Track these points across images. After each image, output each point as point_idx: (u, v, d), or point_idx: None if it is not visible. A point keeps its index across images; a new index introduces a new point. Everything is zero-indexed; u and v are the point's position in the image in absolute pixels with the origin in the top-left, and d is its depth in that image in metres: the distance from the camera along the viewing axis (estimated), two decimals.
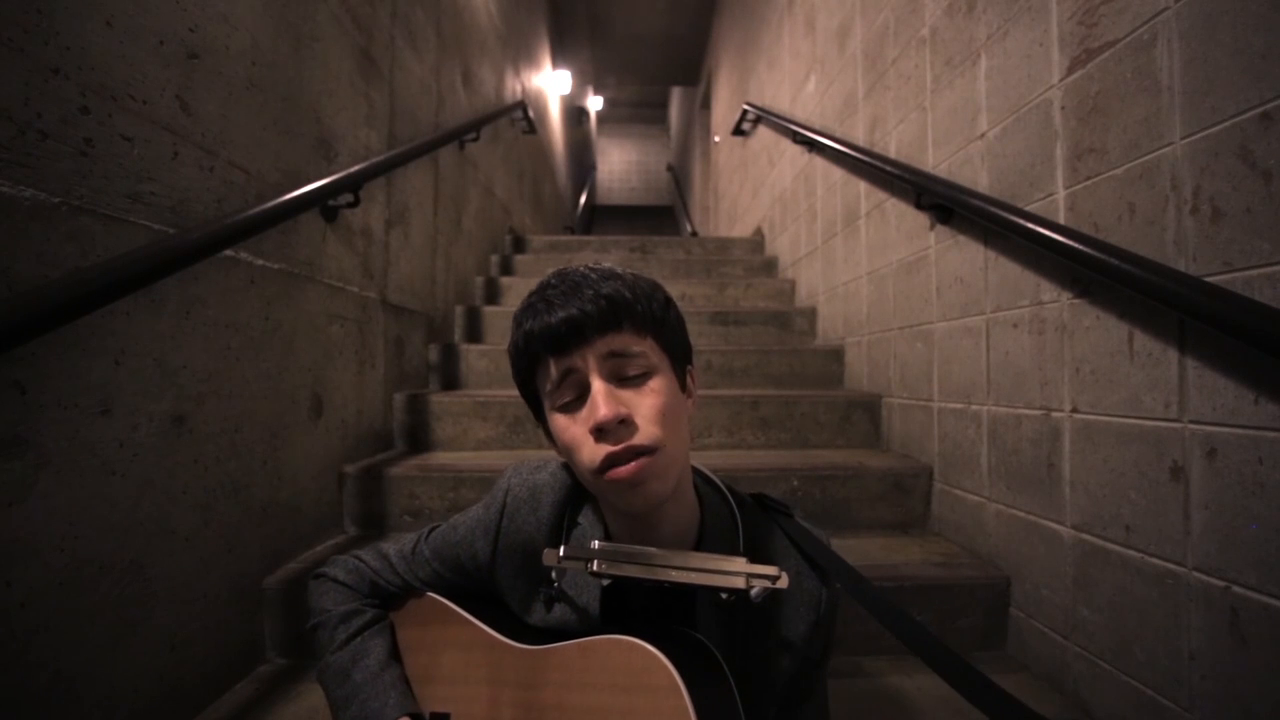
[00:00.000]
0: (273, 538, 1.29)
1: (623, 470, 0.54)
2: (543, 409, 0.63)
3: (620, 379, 0.57)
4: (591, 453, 0.55)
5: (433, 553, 0.73)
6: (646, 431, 0.55)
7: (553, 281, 0.60)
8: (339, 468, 1.58)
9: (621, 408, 0.55)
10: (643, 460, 0.54)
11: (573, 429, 0.57)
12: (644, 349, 0.59)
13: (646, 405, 0.56)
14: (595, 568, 0.56)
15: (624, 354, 0.57)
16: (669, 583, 0.57)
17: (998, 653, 1.27)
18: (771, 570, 0.57)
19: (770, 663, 0.63)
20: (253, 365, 1.23)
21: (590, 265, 0.61)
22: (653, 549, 0.58)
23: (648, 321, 0.59)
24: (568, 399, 0.58)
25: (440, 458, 1.78)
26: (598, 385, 0.56)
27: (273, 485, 1.30)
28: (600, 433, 0.55)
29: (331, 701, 0.68)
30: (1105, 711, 1.02)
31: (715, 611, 0.62)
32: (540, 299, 0.59)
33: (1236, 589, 0.81)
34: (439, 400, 1.94)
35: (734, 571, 0.57)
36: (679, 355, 0.64)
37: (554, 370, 0.57)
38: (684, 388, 0.63)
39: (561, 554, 0.58)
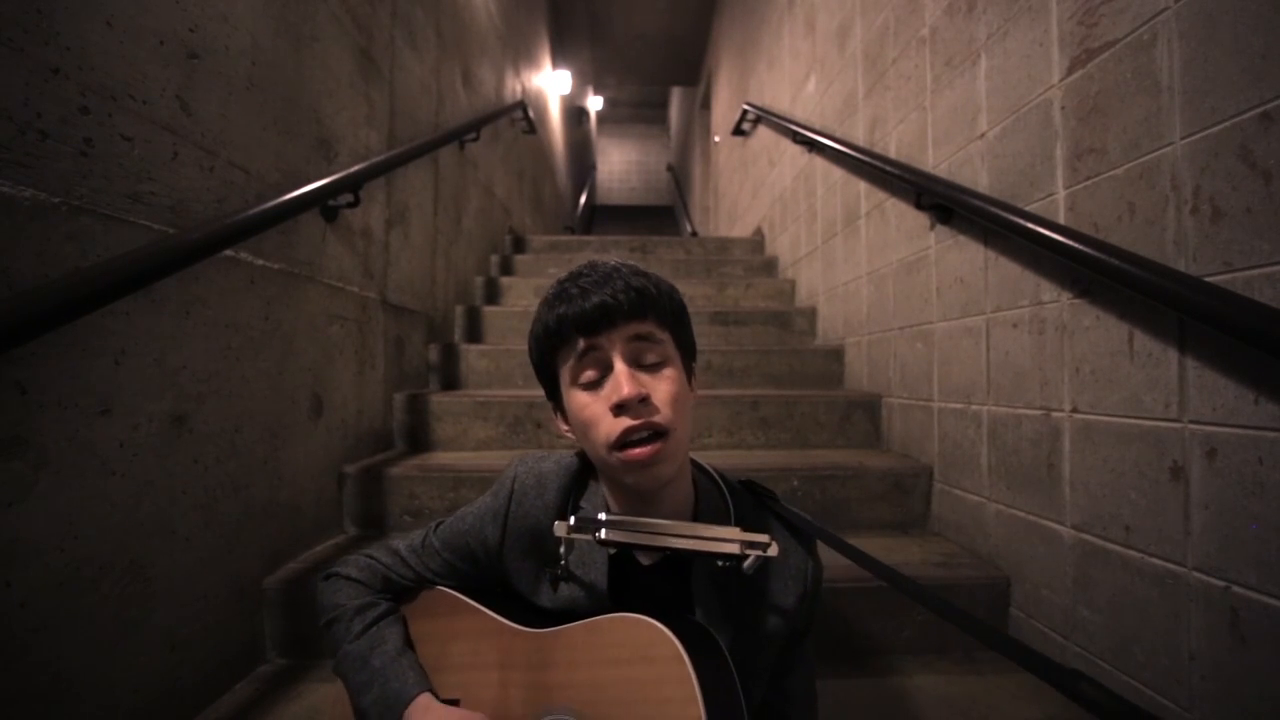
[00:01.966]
0: (273, 538, 1.29)
1: (640, 451, 0.59)
2: (558, 390, 0.67)
3: (639, 364, 0.63)
4: (610, 427, 0.60)
5: (442, 543, 0.76)
6: (663, 412, 0.61)
7: (585, 271, 0.65)
8: (339, 468, 1.58)
9: (642, 388, 0.60)
10: (658, 443, 0.60)
11: (593, 406, 0.62)
12: (664, 339, 0.64)
13: (663, 389, 0.62)
14: (603, 535, 0.60)
15: (647, 338, 0.63)
16: (670, 549, 0.61)
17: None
18: (763, 538, 0.61)
19: (762, 633, 0.68)
20: (253, 365, 1.23)
21: (619, 261, 0.66)
22: (655, 520, 0.62)
23: (668, 316, 0.65)
24: (590, 377, 0.63)
25: (440, 458, 1.78)
26: (620, 366, 0.61)
27: (273, 485, 1.30)
28: (620, 409, 0.60)
29: (351, 688, 0.70)
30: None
31: (710, 585, 0.67)
32: (575, 285, 0.63)
33: (1236, 589, 0.81)
34: (439, 400, 1.94)
35: (729, 539, 0.61)
36: (688, 352, 0.69)
37: (581, 348, 0.62)
38: (690, 383, 0.68)
39: (571, 523, 0.62)
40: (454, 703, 0.69)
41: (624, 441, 0.60)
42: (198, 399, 1.08)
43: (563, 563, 0.67)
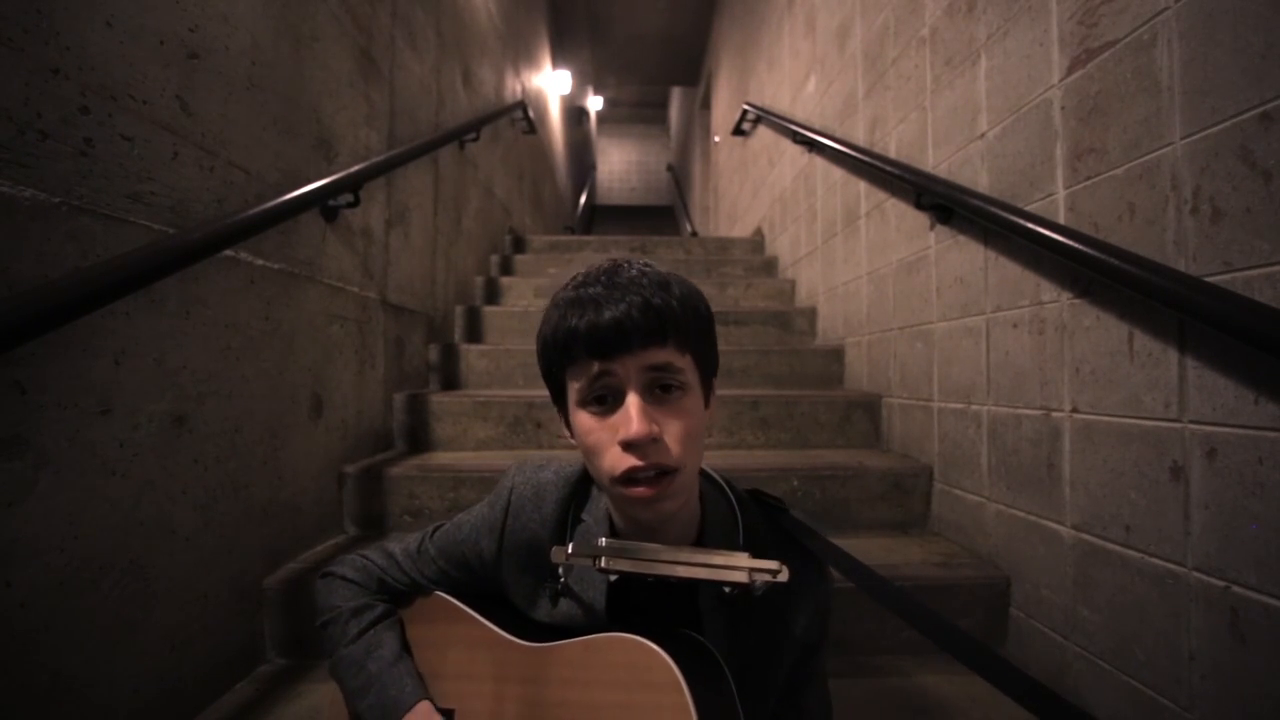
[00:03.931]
0: (273, 538, 1.29)
1: (642, 491, 0.55)
2: (565, 399, 0.61)
3: (653, 392, 0.57)
4: (615, 461, 0.55)
5: (438, 551, 0.74)
6: (673, 451, 0.55)
7: (602, 276, 0.58)
8: (339, 468, 1.58)
9: (654, 426, 0.55)
10: (664, 481, 0.55)
11: (599, 433, 0.56)
12: (683, 365, 0.58)
13: (676, 426, 0.56)
14: (603, 564, 0.57)
15: (665, 368, 0.56)
16: (674, 578, 0.58)
17: None
18: (773, 565, 0.57)
19: (772, 654, 0.65)
20: (253, 365, 1.23)
21: (643, 267, 0.60)
22: (658, 545, 0.59)
23: (690, 337, 0.59)
24: (599, 400, 0.57)
25: (440, 458, 1.78)
26: (633, 399, 0.55)
27: (273, 485, 1.30)
28: (629, 446, 0.55)
29: (347, 692, 0.69)
30: (1105, 711, 1.02)
31: (718, 606, 0.63)
32: (589, 295, 0.57)
33: (1236, 589, 0.81)
34: (439, 400, 1.94)
35: (737, 566, 0.58)
36: (710, 370, 0.63)
37: (593, 370, 0.56)
38: (708, 400, 0.63)
39: (570, 551, 0.59)
40: (448, 713, 0.68)
41: (628, 478, 0.55)
42: (198, 399, 1.08)
43: (562, 580, 0.65)
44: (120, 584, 0.91)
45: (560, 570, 0.64)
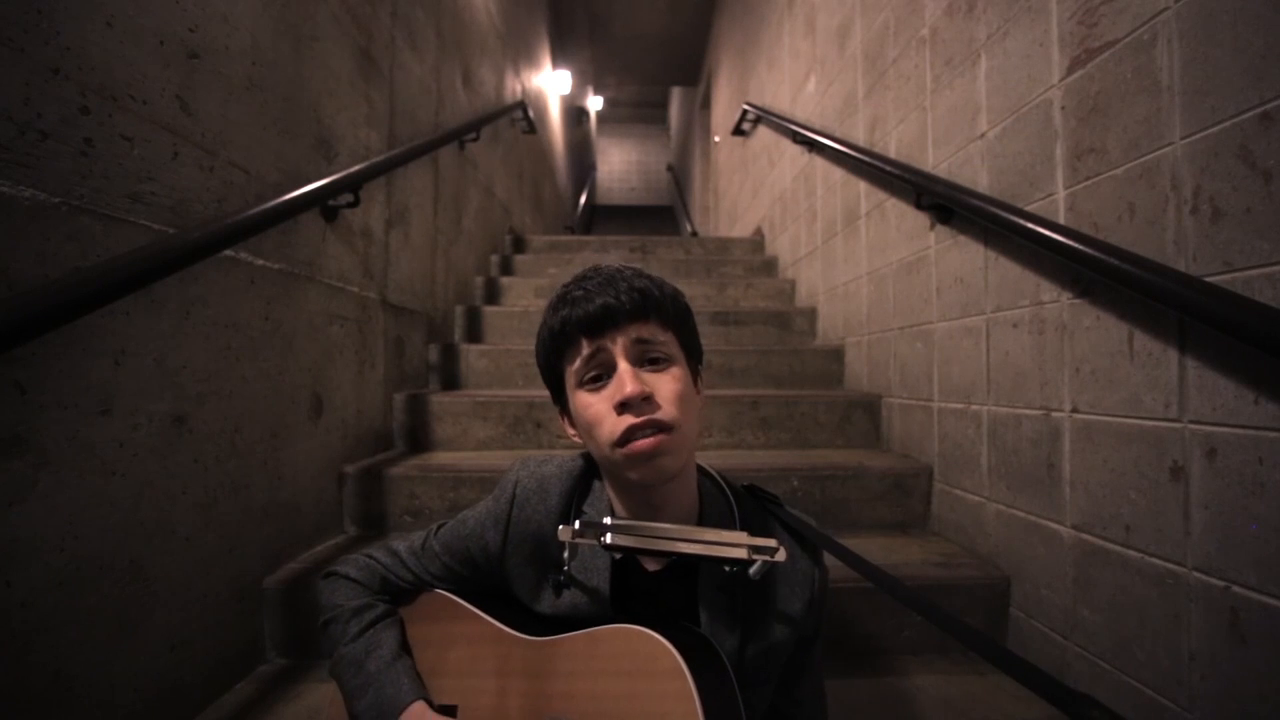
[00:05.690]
0: (273, 538, 1.29)
1: (643, 443, 0.59)
2: (564, 391, 0.67)
3: (643, 364, 0.63)
4: (613, 426, 0.60)
5: (443, 547, 0.75)
6: (666, 410, 0.60)
7: (589, 274, 0.66)
8: (339, 468, 1.58)
9: (645, 386, 0.60)
10: (661, 436, 0.59)
11: (596, 405, 0.61)
12: (667, 340, 0.64)
13: (667, 388, 0.62)
14: (609, 540, 0.60)
15: (649, 341, 0.63)
16: (677, 554, 0.61)
17: None
18: (771, 543, 0.60)
19: (769, 640, 0.67)
20: (253, 365, 1.23)
21: (622, 264, 0.67)
22: (661, 524, 0.62)
23: (671, 318, 0.66)
24: (594, 377, 0.63)
25: (440, 458, 1.78)
26: (624, 366, 0.61)
27: (273, 485, 1.30)
28: (624, 407, 0.60)
29: (346, 691, 0.70)
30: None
31: (717, 592, 0.66)
32: (579, 289, 0.64)
33: (1236, 589, 0.81)
34: (439, 400, 1.94)
35: (737, 544, 0.60)
36: (694, 354, 0.69)
37: (585, 350, 0.62)
38: (696, 385, 0.68)
39: (576, 527, 0.62)
40: (451, 709, 0.68)
41: (627, 438, 0.59)
42: (198, 399, 1.08)
43: (566, 568, 0.66)
44: (120, 584, 0.91)
45: (565, 557, 0.66)
